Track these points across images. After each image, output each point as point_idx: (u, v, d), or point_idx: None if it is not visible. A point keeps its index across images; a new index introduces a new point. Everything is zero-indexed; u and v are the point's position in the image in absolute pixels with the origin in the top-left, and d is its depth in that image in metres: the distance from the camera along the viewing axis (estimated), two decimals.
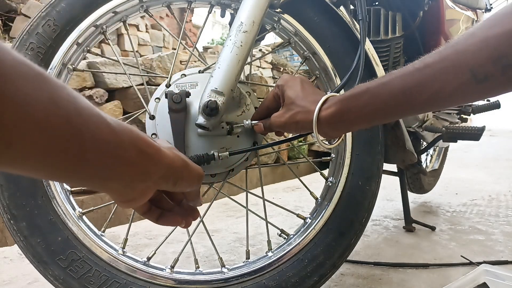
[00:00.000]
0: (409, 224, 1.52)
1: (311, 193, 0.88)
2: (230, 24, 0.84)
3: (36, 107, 0.27)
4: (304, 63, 0.89)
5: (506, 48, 0.42)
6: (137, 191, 0.38)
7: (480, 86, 0.45)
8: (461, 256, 1.22)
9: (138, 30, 4.71)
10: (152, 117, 0.73)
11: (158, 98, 0.74)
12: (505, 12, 0.44)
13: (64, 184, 0.76)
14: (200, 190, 0.53)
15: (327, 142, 0.70)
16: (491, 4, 1.61)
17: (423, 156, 1.86)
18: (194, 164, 0.46)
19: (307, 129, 0.61)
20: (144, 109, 0.76)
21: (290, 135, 0.79)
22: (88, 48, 0.80)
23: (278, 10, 0.81)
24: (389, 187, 2.03)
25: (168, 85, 0.74)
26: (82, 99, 0.31)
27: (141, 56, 3.38)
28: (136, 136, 0.36)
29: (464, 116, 1.67)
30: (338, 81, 0.83)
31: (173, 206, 0.51)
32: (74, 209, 0.75)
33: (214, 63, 0.69)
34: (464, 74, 0.45)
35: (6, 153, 0.26)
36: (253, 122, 0.70)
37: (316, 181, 1.35)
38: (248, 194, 0.85)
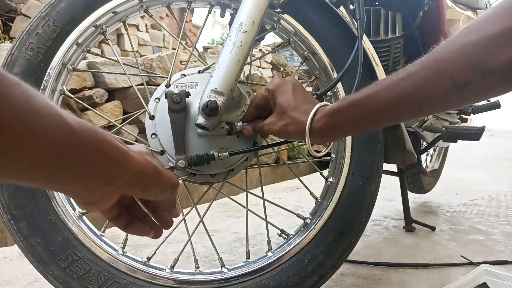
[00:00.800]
0: (409, 224, 1.52)
1: (311, 193, 0.88)
2: (230, 24, 0.84)
3: None
4: (304, 63, 0.89)
5: (484, 54, 0.42)
6: (97, 194, 0.36)
7: (461, 93, 0.45)
8: (461, 256, 1.22)
9: (138, 30, 4.71)
10: (152, 117, 0.73)
11: (158, 98, 0.74)
12: (483, 18, 0.44)
13: None
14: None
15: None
16: (491, 4, 1.61)
17: (423, 156, 1.86)
18: (168, 172, 0.44)
19: (299, 138, 0.63)
20: (144, 109, 0.76)
21: None
22: (88, 48, 0.80)
23: (278, 10, 0.81)
24: (389, 187, 2.03)
25: (168, 85, 0.74)
26: (39, 97, 0.30)
27: (141, 56, 3.38)
28: (101, 138, 0.34)
29: (464, 116, 1.67)
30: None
31: (145, 215, 0.49)
32: (74, 209, 0.75)
33: (214, 63, 0.69)
34: (445, 82, 0.45)
35: None
36: (244, 124, 0.70)
37: (316, 181, 1.35)
38: (248, 194, 0.85)
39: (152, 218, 0.49)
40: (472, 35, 0.44)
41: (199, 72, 0.76)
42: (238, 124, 0.70)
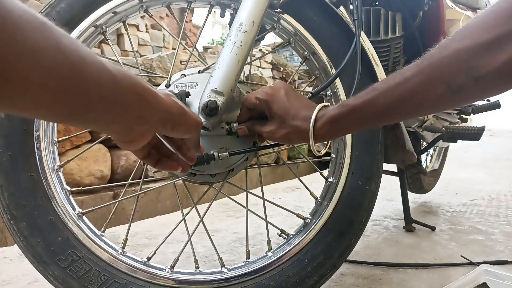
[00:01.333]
0: (409, 224, 1.52)
1: (311, 193, 0.88)
2: (230, 24, 0.84)
3: (44, 55, 0.28)
4: (304, 63, 0.89)
5: (476, 60, 0.44)
6: (135, 133, 0.41)
7: (456, 97, 0.47)
8: (461, 256, 1.22)
9: (138, 30, 4.71)
10: None
11: None
12: (475, 23, 0.46)
13: (64, 184, 0.76)
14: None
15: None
16: (491, 4, 1.61)
17: (423, 156, 1.86)
18: (192, 112, 0.49)
19: (301, 143, 0.66)
20: None
21: None
22: None
23: (278, 10, 0.81)
24: (389, 187, 2.03)
25: (168, 85, 0.74)
26: (84, 47, 0.33)
27: (141, 56, 3.38)
28: (135, 82, 0.38)
29: (464, 116, 1.67)
30: (338, 81, 0.83)
31: (172, 153, 0.55)
32: (74, 209, 0.75)
33: (214, 63, 0.69)
34: (440, 86, 0.48)
35: (22, 99, 0.28)
36: (239, 125, 0.70)
37: (316, 181, 1.35)
38: (248, 194, 0.85)
39: (178, 156, 0.56)
40: (464, 41, 0.45)
41: (199, 72, 0.76)
42: (234, 125, 0.71)
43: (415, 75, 0.50)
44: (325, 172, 0.90)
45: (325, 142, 0.79)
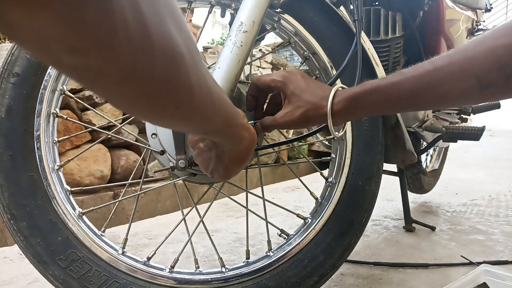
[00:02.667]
0: (409, 224, 1.52)
1: (311, 193, 0.88)
2: (230, 24, 0.84)
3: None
4: (304, 63, 0.89)
5: (511, 58, 0.45)
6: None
7: (483, 92, 0.48)
8: (461, 256, 1.22)
9: None
10: None
11: None
12: None
13: (64, 184, 0.76)
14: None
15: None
16: (491, 4, 1.61)
17: (423, 156, 1.86)
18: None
19: (318, 123, 0.64)
20: None
21: (290, 136, 0.79)
22: None
23: (278, 10, 0.81)
24: (389, 187, 2.02)
25: None
26: (217, 88, 0.44)
27: None
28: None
29: (464, 116, 1.67)
30: (338, 81, 0.83)
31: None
32: (74, 209, 0.75)
33: (214, 63, 0.69)
34: (470, 80, 0.48)
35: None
36: (252, 122, 0.70)
37: (316, 181, 1.35)
38: (248, 194, 0.85)
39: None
40: (502, 39, 0.46)
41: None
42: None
43: (447, 66, 0.50)
44: (325, 172, 0.90)
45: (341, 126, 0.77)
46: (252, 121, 0.70)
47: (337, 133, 0.66)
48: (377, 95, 0.56)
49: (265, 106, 0.72)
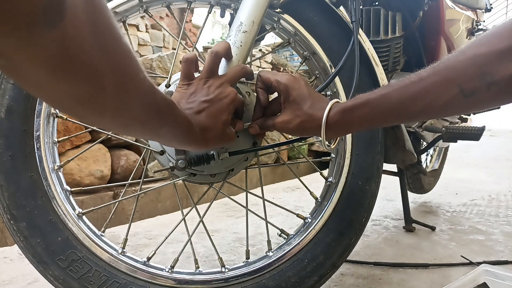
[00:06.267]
0: (409, 224, 1.52)
1: (311, 193, 0.88)
2: (230, 24, 0.84)
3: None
4: (304, 63, 0.89)
5: (491, 66, 0.47)
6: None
7: (467, 100, 0.49)
8: (461, 256, 1.22)
9: (138, 30, 4.70)
10: None
11: None
12: (494, 32, 0.48)
13: (64, 184, 0.76)
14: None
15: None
16: (491, 4, 1.61)
17: (423, 156, 1.86)
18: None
19: (312, 134, 0.66)
20: None
21: (290, 137, 0.79)
22: None
23: (278, 10, 0.81)
24: (389, 187, 2.03)
25: (168, 85, 0.74)
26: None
27: (141, 56, 3.37)
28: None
29: (464, 116, 1.67)
30: (338, 81, 0.83)
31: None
32: (74, 209, 0.75)
33: None
34: (453, 89, 0.49)
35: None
36: (250, 125, 0.70)
37: (316, 181, 1.35)
38: (248, 194, 0.85)
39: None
40: (482, 48, 0.48)
41: (199, 72, 0.76)
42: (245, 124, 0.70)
43: (431, 76, 0.52)
44: (325, 172, 0.90)
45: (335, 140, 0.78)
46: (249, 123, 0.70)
47: (328, 145, 0.67)
48: (368, 108, 0.58)
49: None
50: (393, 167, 1.46)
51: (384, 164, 0.88)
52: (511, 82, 0.46)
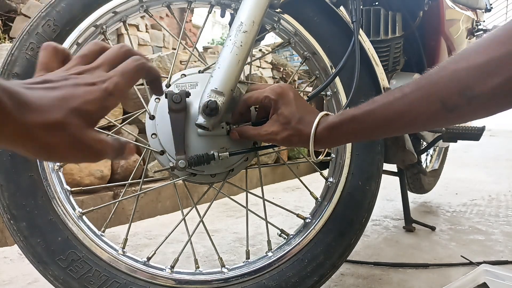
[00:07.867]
0: (409, 224, 1.52)
1: (311, 193, 0.88)
2: (230, 24, 0.84)
3: None
4: (304, 63, 0.89)
5: (471, 81, 0.47)
6: None
7: (450, 115, 0.50)
8: (461, 256, 1.22)
9: (138, 30, 4.70)
10: (152, 117, 0.73)
11: (158, 98, 0.74)
12: (472, 47, 0.49)
13: (64, 184, 0.76)
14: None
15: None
16: (491, 4, 1.61)
17: (423, 156, 1.86)
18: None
19: (299, 146, 0.67)
20: (144, 109, 0.76)
21: None
22: None
23: (278, 10, 0.81)
24: (389, 187, 2.02)
25: (168, 85, 0.74)
26: None
27: None
28: None
29: None
30: (337, 81, 0.83)
31: None
32: (74, 209, 0.75)
33: (214, 63, 0.69)
34: (435, 104, 0.50)
35: None
36: (232, 129, 0.70)
37: (316, 181, 1.35)
38: (248, 194, 0.85)
39: None
40: (461, 63, 0.48)
41: (199, 72, 0.76)
42: (227, 126, 0.71)
43: (413, 91, 0.53)
44: (325, 172, 0.90)
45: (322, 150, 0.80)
46: (232, 126, 0.70)
47: (318, 157, 0.69)
48: (354, 124, 0.59)
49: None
50: (393, 167, 1.46)
51: (384, 164, 0.88)
52: (491, 96, 0.46)
